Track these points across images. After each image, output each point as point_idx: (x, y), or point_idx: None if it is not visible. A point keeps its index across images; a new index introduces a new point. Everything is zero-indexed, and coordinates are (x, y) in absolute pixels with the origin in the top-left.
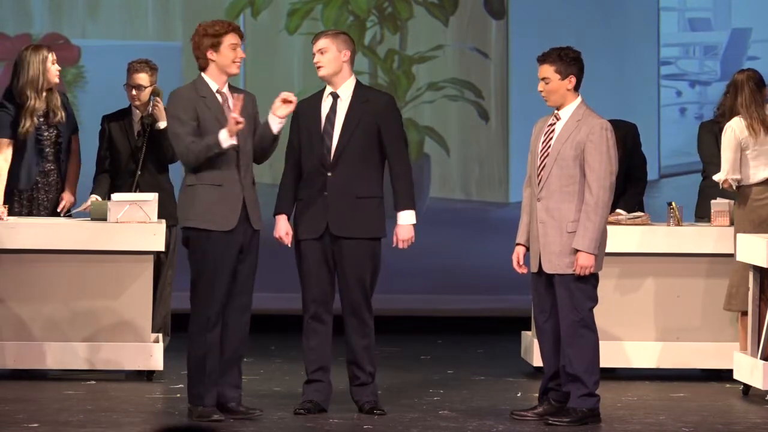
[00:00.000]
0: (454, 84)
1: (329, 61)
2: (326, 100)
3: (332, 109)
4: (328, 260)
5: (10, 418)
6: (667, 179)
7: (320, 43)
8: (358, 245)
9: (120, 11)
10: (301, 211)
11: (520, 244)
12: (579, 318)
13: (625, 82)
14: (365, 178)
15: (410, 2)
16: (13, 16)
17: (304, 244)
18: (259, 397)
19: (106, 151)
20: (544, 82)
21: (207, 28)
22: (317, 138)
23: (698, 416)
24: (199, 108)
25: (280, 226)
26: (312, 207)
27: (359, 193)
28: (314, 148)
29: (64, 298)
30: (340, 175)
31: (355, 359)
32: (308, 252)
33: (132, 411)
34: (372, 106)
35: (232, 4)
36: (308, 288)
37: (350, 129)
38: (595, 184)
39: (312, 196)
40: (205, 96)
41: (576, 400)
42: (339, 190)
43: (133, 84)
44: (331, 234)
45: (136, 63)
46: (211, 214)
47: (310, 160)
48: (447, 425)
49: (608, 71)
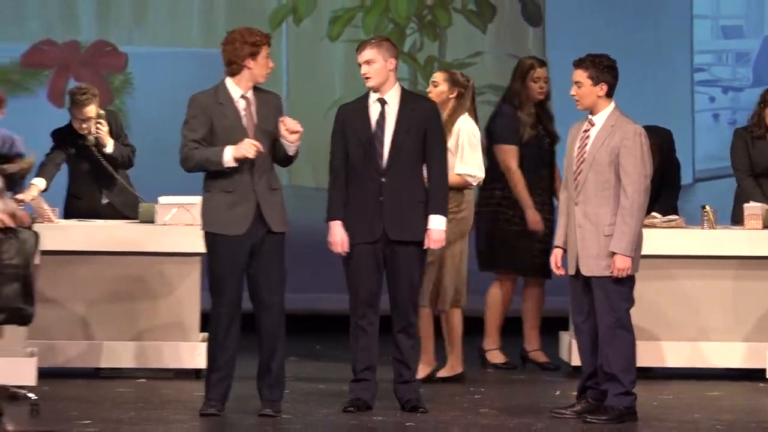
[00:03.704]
0: (493, 90)
1: (377, 72)
2: (374, 105)
3: (381, 115)
4: (380, 263)
5: (64, 416)
6: (701, 183)
7: (367, 54)
8: (412, 249)
9: (165, 19)
10: (354, 216)
11: (558, 246)
12: (616, 319)
13: (660, 88)
14: (415, 183)
15: (449, 10)
16: (61, 23)
17: (358, 248)
18: (306, 395)
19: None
20: (576, 86)
21: (246, 37)
22: (368, 143)
23: (732, 415)
24: (215, 115)
25: (336, 232)
26: (367, 212)
27: (412, 197)
28: (366, 153)
29: (114, 299)
30: (394, 179)
31: (402, 358)
32: (361, 256)
33: (180, 408)
34: (419, 113)
35: (275, 12)
36: (359, 290)
37: (401, 135)
38: (630, 188)
39: (366, 200)
40: (222, 103)
41: (613, 398)
42: (393, 195)
43: (83, 117)
44: (387, 238)
45: (79, 95)
46: (222, 219)
47: (362, 166)
48: (488, 423)
49: (643, 78)
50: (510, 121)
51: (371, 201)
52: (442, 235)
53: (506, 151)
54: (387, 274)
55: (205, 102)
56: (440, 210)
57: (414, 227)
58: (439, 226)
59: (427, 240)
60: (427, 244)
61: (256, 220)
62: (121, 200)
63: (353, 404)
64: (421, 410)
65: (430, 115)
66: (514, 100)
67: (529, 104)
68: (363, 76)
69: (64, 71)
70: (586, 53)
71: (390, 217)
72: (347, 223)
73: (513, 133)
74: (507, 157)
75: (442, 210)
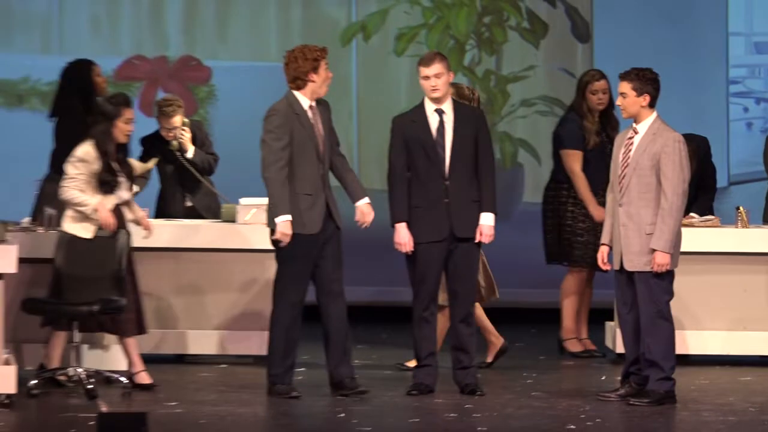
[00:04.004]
0: (544, 101)
1: (443, 84)
2: (432, 116)
3: (440, 124)
4: (444, 259)
5: (152, 398)
6: (735, 186)
7: (436, 68)
8: (471, 245)
9: (246, 35)
10: (421, 217)
11: (604, 243)
12: (657, 310)
13: (698, 99)
14: (471, 184)
15: (505, 28)
16: (151, 40)
17: (425, 246)
18: (372, 380)
19: None
20: (621, 96)
21: (306, 54)
22: (432, 150)
23: (764, 397)
24: (294, 124)
25: (403, 234)
26: (433, 213)
27: (469, 197)
28: (429, 158)
29: (198, 292)
30: (456, 182)
31: (461, 345)
32: (429, 253)
33: (259, 391)
34: (471, 121)
35: (346, 29)
36: (424, 285)
37: (459, 141)
38: (670, 190)
39: (432, 202)
40: (298, 113)
41: (654, 383)
42: (456, 196)
43: (169, 126)
44: (453, 236)
45: (166, 106)
46: (303, 219)
47: (426, 171)
48: (539, 405)
49: (683, 90)
50: (575, 128)
51: (437, 203)
52: (492, 231)
53: (571, 155)
54: (449, 268)
55: (285, 112)
56: (491, 208)
57: (474, 225)
58: (490, 222)
59: (478, 235)
60: (479, 239)
61: (326, 218)
62: (203, 204)
63: (416, 388)
64: (479, 393)
65: (479, 122)
66: (578, 111)
67: (590, 114)
68: (431, 88)
69: (153, 84)
70: (631, 67)
71: (455, 217)
72: (413, 224)
73: (578, 140)
74: (571, 161)
75: (493, 208)
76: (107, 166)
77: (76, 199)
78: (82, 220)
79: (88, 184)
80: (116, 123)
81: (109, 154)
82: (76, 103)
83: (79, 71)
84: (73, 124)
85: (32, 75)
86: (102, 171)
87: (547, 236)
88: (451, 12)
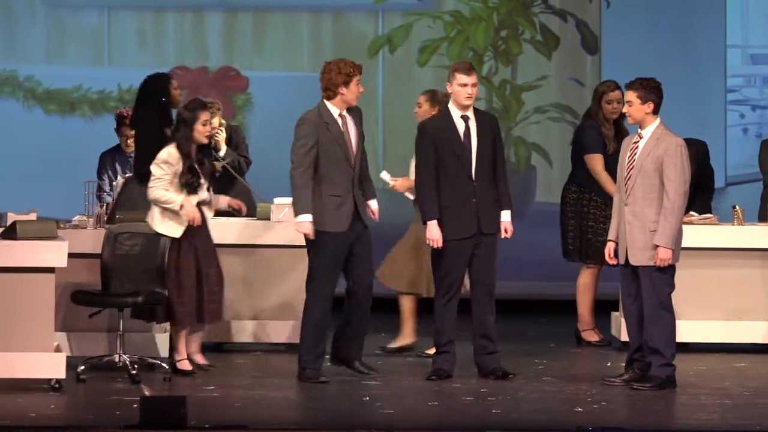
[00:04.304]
0: (556, 108)
1: (475, 93)
2: (459, 121)
3: (467, 129)
4: (470, 253)
5: (191, 383)
6: (732, 187)
7: (474, 78)
8: (494, 240)
9: (281, 47)
10: (452, 215)
11: (611, 240)
12: (659, 301)
13: (698, 106)
14: (492, 185)
15: (520, 41)
16: (193, 51)
17: (456, 243)
18: (393, 365)
19: None
20: (628, 104)
21: (341, 68)
22: (461, 153)
23: (757, 382)
24: (321, 132)
25: (434, 230)
26: (463, 211)
27: (492, 196)
28: (459, 161)
29: (235, 284)
30: (482, 182)
31: (486, 333)
32: (458, 249)
33: (291, 377)
34: (490, 126)
35: (373, 42)
36: (449, 276)
37: (482, 145)
38: (672, 191)
39: (462, 201)
40: (327, 122)
41: (656, 368)
42: (482, 195)
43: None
44: (480, 232)
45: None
46: (331, 219)
47: (455, 173)
48: (549, 389)
49: (684, 97)
50: (596, 134)
51: (466, 202)
52: (511, 227)
53: (594, 158)
54: (473, 262)
55: (314, 121)
56: (509, 206)
57: (496, 221)
58: (509, 218)
59: (504, 232)
60: (505, 235)
61: (354, 218)
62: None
63: (436, 373)
64: (511, 375)
65: (496, 128)
66: (595, 118)
67: (606, 122)
68: (466, 95)
69: (195, 92)
70: (636, 77)
71: (482, 215)
72: (444, 222)
73: (599, 144)
74: (595, 163)
75: (510, 206)
76: (189, 168)
77: (162, 197)
78: (171, 219)
79: (172, 185)
80: (195, 127)
81: (190, 157)
82: (154, 114)
83: (158, 84)
84: (152, 132)
85: (84, 84)
86: (184, 172)
87: (568, 235)
88: (471, 26)
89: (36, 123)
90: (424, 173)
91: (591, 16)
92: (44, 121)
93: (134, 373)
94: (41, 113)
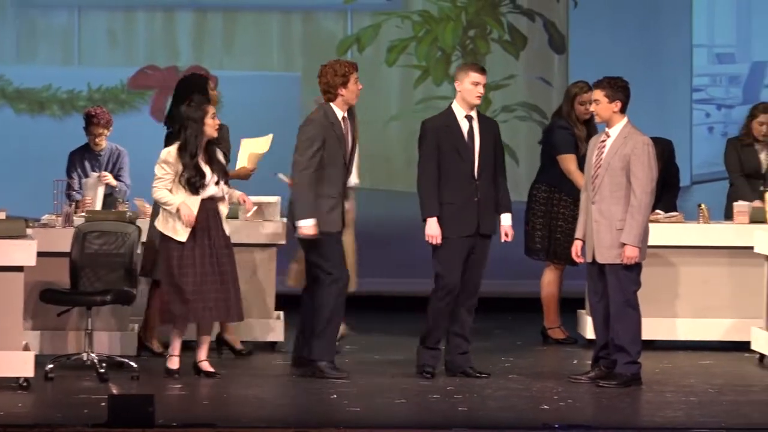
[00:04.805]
0: (523, 107)
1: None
2: (463, 121)
3: (470, 129)
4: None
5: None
6: (697, 185)
7: (485, 78)
8: (488, 241)
9: (250, 47)
10: (454, 214)
11: (578, 238)
12: (625, 299)
13: (664, 105)
14: (493, 185)
15: (488, 40)
16: (163, 51)
17: (454, 240)
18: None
19: None
20: (595, 103)
21: (336, 69)
22: (465, 152)
23: (722, 380)
24: (327, 132)
25: (434, 227)
26: (465, 210)
27: (492, 197)
28: (463, 160)
29: None
30: (484, 182)
31: (463, 333)
32: (457, 248)
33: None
34: (491, 129)
35: (342, 42)
36: (448, 276)
37: (484, 145)
38: (639, 189)
39: (464, 200)
40: (333, 123)
41: (622, 366)
42: (484, 195)
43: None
44: (479, 233)
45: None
46: (328, 220)
47: (458, 171)
48: (516, 386)
49: (651, 96)
50: (568, 134)
51: (469, 201)
52: (512, 231)
53: (567, 158)
54: (467, 261)
55: (320, 122)
56: (510, 209)
57: (494, 223)
58: (510, 222)
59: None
60: (505, 239)
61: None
62: None
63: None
64: (485, 375)
65: (496, 131)
66: (566, 119)
67: (578, 123)
68: (477, 95)
69: (164, 92)
70: (603, 76)
71: (483, 214)
72: (444, 220)
73: (572, 144)
74: (569, 164)
75: (511, 209)
76: (192, 167)
77: (162, 198)
78: (176, 222)
79: (174, 184)
80: (205, 121)
81: (196, 156)
82: None
83: (196, 84)
84: None
85: (54, 84)
86: (185, 171)
87: (536, 233)
88: (439, 26)
89: (6, 122)
90: (426, 170)
91: (558, 15)
92: (14, 120)
93: (102, 371)
94: (11, 113)
